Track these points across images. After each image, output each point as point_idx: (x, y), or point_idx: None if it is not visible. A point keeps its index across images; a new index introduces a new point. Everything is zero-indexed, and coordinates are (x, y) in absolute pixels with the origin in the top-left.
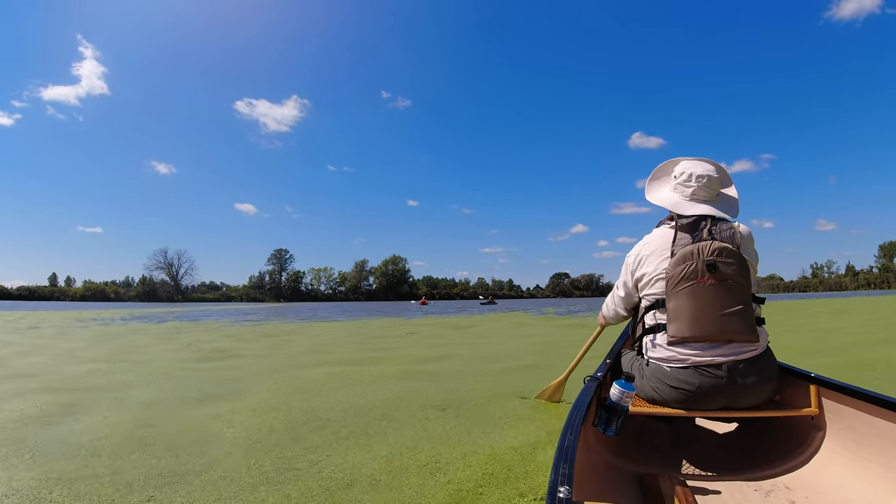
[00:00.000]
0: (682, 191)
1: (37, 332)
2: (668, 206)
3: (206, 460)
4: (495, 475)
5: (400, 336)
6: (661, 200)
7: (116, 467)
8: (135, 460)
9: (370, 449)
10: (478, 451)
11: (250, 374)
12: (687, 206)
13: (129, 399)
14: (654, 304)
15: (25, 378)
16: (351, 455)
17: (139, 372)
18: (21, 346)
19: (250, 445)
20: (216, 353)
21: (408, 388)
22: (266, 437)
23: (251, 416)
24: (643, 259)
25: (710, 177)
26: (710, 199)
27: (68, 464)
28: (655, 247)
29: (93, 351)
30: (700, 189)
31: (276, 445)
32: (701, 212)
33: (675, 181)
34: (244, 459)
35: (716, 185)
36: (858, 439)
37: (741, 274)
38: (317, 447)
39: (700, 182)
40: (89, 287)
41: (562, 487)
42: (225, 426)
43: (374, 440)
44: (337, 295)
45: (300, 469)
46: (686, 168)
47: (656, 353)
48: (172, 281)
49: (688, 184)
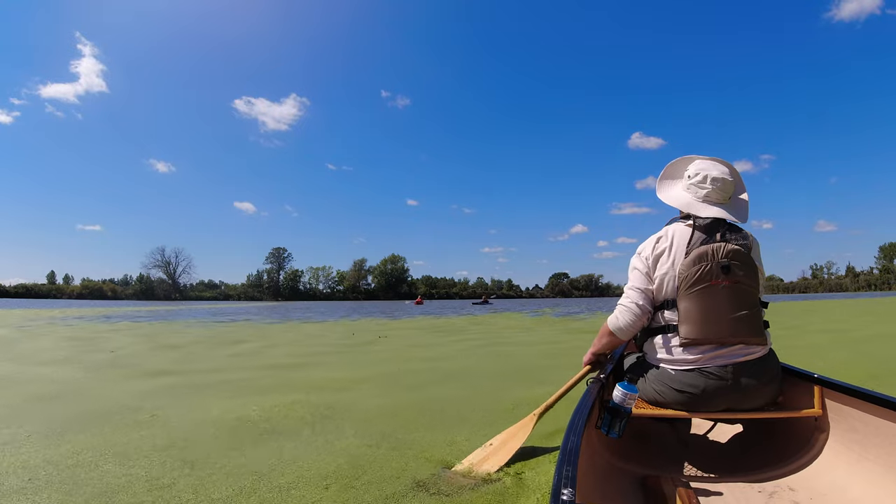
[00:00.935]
0: (695, 191)
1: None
2: (680, 206)
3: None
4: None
5: (362, 344)
6: (673, 200)
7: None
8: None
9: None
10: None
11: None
12: (700, 207)
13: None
14: (663, 305)
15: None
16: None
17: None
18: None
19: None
20: (114, 366)
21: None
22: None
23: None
24: (660, 257)
25: (725, 180)
26: (723, 201)
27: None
28: (671, 244)
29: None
30: (715, 192)
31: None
32: (716, 214)
33: (689, 181)
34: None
35: (730, 189)
36: (862, 440)
37: (752, 277)
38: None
39: (716, 185)
40: (87, 285)
41: (565, 490)
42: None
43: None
44: (335, 294)
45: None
46: (701, 169)
47: (663, 354)
48: (170, 279)
49: (702, 185)
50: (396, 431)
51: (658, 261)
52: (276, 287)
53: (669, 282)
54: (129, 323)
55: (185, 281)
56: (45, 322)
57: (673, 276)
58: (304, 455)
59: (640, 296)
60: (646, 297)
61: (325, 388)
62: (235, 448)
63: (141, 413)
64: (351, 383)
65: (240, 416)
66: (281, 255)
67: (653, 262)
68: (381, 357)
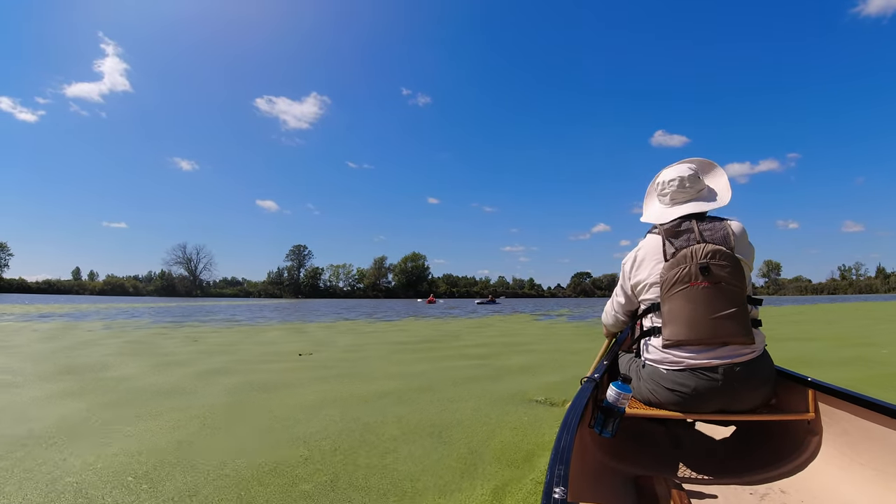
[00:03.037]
0: (663, 200)
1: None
2: (654, 219)
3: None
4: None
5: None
6: (649, 217)
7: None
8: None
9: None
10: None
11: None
12: (670, 212)
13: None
14: (650, 308)
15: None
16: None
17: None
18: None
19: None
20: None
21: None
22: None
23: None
24: (638, 265)
25: (680, 177)
26: (691, 197)
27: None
28: (647, 252)
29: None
30: (676, 192)
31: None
32: (681, 213)
33: (657, 192)
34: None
35: (692, 182)
36: (854, 443)
37: (735, 276)
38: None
39: (672, 186)
40: (108, 281)
41: (557, 488)
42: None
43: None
44: (355, 292)
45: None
46: (662, 177)
47: (652, 355)
48: (191, 276)
49: (663, 191)
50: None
51: (634, 269)
52: (296, 284)
53: (651, 287)
54: (43, 324)
55: (206, 278)
56: (42, 321)
57: (654, 281)
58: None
59: (620, 301)
60: (625, 302)
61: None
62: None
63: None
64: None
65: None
66: (301, 252)
67: (630, 270)
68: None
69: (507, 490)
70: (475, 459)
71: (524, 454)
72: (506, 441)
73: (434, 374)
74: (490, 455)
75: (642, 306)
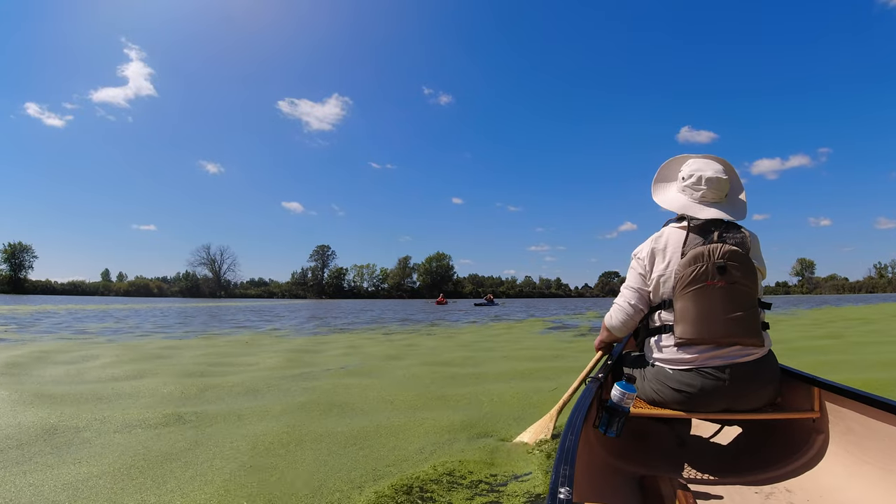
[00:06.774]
0: (690, 193)
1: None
2: (676, 209)
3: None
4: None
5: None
6: (669, 203)
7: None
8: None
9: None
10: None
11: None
12: (696, 208)
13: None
14: (661, 305)
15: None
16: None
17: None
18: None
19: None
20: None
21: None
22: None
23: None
24: (655, 258)
25: (719, 179)
26: (719, 201)
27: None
28: (665, 246)
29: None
30: (710, 192)
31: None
32: (712, 215)
33: (683, 183)
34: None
35: (725, 187)
36: (859, 442)
37: (749, 278)
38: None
39: (710, 185)
40: (133, 283)
41: (562, 488)
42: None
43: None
44: (380, 292)
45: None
46: (695, 169)
47: (660, 354)
48: (215, 276)
49: (697, 186)
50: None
51: (654, 262)
52: (321, 285)
53: (666, 282)
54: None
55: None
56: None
57: (669, 276)
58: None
59: (634, 295)
60: (639, 297)
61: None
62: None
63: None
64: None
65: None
66: (325, 252)
67: (648, 263)
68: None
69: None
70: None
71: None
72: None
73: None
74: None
75: (651, 303)
